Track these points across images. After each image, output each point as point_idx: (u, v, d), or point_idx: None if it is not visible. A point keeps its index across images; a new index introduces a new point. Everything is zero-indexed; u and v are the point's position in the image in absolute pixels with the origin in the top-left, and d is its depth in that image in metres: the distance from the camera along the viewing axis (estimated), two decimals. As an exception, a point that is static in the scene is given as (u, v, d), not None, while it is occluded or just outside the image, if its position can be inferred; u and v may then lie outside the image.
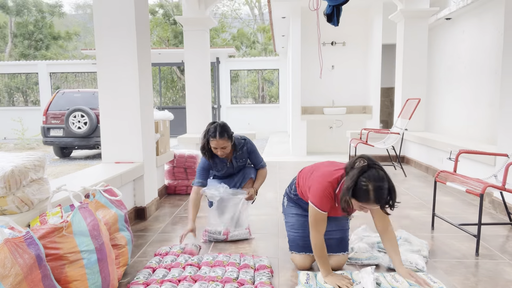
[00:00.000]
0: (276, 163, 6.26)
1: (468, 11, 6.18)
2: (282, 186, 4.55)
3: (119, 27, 3.16)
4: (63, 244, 1.69)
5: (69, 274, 1.69)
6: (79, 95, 8.81)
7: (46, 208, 1.99)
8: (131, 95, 3.21)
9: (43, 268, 1.51)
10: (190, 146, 5.81)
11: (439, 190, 4.26)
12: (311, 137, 7.98)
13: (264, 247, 2.66)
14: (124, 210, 2.35)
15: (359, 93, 7.98)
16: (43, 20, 19.65)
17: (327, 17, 3.66)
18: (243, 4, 26.10)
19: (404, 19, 6.01)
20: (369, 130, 5.46)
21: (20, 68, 14.98)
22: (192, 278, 2.08)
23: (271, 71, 15.65)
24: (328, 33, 7.54)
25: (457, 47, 6.67)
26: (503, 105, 3.42)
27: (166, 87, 15.84)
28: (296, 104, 7.66)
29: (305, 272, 2.14)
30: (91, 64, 14.14)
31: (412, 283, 1.99)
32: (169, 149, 4.32)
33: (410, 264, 2.24)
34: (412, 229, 2.96)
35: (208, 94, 6.52)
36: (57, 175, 6.79)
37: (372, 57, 7.49)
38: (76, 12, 34.63)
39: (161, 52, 13.60)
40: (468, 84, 6.29)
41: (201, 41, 6.26)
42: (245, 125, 13.93)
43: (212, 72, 13.29)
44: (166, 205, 3.82)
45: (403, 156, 6.09)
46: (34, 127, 11.77)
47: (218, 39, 20.68)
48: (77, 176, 2.89)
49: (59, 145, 8.70)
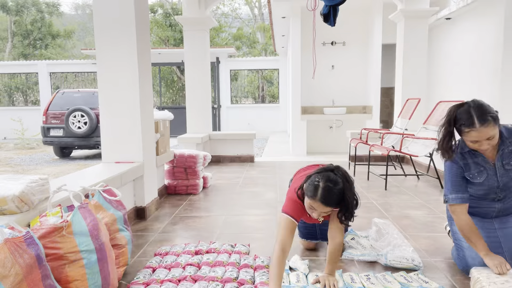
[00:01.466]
0: (276, 163, 6.26)
1: (468, 11, 6.18)
2: (282, 186, 4.56)
3: (119, 27, 3.16)
4: (63, 244, 1.69)
5: (69, 274, 1.69)
6: (79, 95, 8.81)
7: (46, 208, 1.99)
8: (131, 95, 3.21)
9: (43, 268, 1.51)
10: (190, 146, 5.81)
11: (440, 190, 4.26)
12: (311, 137, 7.98)
13: (264, 247, 2.66)
14: (123, 210, 2.35)
15: (359, 93, 7.98)
16: (42, 20, 19.65)
17: (323, 17, 3.66)
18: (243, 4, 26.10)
19: (404, 19, 6.01)
20: (369, 130, 5.45)
21: (20, 68, 14.98)
22: (192, 278, 2.08)
23: (271, 71, 15.65)
24: (328, 33, 7.54)
25: (457, 47, 6.67)
26: (503, 105, 3.42)
27: (166, 87, 15.84)
28: (296, 104, 7.66)
29: (295, 273, 2.15)
30: (91, 64, 14.15)
31: (403, 283, 1.99)
32: (169, 149, 4.32)
33: (407, 260, 2.24)
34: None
35: (208, 94, 6.52)
36: (57, 175, 6.79)
37: (372, 57, 7.49)
38: (75, 12, 34.64)
39: (161, 52, 13.60)
40: (468, 84, 6.29)
41: (201, 41, 6.26)
42: (245, 125, 13.93)
43: (212, 72, 13.29)
44: (166, 205, 3.82)
45: (403, 156, 6.09)
46: (34, 127, 11.78)
47: (218, 39, 20.68)
48: (77, 176, 2.89)
49: (59, 145, 8.70)
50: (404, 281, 2.04)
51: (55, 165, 8.00)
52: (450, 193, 2.10)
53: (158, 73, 14.16)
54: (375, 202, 3.77)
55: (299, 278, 2.09)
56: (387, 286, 1.99)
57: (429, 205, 3.65)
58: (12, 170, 7.36)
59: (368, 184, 4.64)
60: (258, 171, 5.58)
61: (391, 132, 5.39)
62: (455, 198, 2.08)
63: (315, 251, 2.56)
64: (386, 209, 3.51)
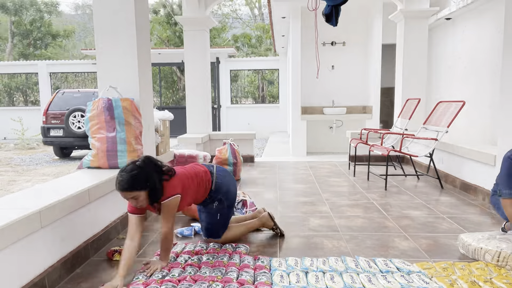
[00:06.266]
0: (276, 163, 6.26)
1: (468, 11, 6.18)
2: (282, 186, 4.56)
3: (119, 27, 3.16)
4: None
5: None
6: (79, 95, 8.82)
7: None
8: (131, 95, 3.21)
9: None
10: (190, 146, 5.81)
11: (440, 190, 4.26)
12: (311, 137, 7.98)
13: (265, 246, 2.66)
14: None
15: (359, 93, 7.99)
16: (41, 19, 19.66)
17: (326, 17, 3.66)
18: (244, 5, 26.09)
19: (404, 19, 6.01)
20: (369, 130, 5.45)
21: (20, 68, 14.98)
22: (192, 278, 2.08)
23: (271, 71, 15.65)
24: (328, 33, 7.54)
25: (457, 47, 6.66)
26: (503, 105, 3.42)
27: (166, 87, 15.84)
28: (296, 104, 7.67)
29: (295, 273, 2.15)
30: (91, 64, 14.15)
31: (403, 284, 1.99)
32: (169, 149, 4.32)
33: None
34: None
35: (208, 94, 6.52)
36: (57, 175, 6.79)
37: (372, 57, 7.49)
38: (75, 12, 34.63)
39: (161, 52, 13.60)
40: (468, 84, 6.28)
41: (201, 41, 6.26)
42: (245, 125, 13.93)
43: (212, 72, 13.29)
44: (166, 205, 3.81)
45: (403, 156, 6.08)
46: (34, 127, 11.78)
47: (218, 39, 20.68)
48: (77, 176, 2.88)
49: (59, 145, 8.70)
50: (404, 281, 2.04)
51: (55, 165, 8.00)
52: (505, 189, 2.32)
53: (158, 73, 14.16)
54: (375, 202, 3.77)
55: (299, 278, 2.09)
56: (387, 286, 1.99)
57: (429, 205, 3.65)
58: (12, 170, 7.36)
59: (368, 184, 4.64)
60: (258, 171, 5.58)
61: (391, 132, 5.39)
62: (509, 193, 2.31)
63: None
64: (386, 209, 3.51)
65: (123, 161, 3.02)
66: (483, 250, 2.29)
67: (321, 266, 2.24)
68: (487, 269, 2.16)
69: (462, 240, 2.46)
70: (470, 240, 2.40)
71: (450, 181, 4.51)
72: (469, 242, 2.39)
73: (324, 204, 3.71)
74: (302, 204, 3.74)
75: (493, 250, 2.24)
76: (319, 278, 2.08)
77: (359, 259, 2.32)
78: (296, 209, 3.60)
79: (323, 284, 2.02)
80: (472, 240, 2.39)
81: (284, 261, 2.32)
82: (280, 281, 2.05)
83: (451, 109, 4.35)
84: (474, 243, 2.36)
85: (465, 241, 2.43)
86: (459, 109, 4.17)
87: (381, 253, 2.51)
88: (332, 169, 5.67)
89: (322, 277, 2.10)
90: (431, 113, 4.73)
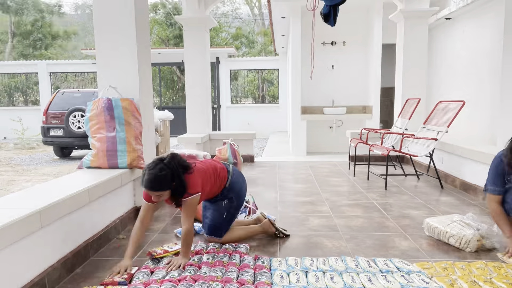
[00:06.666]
0: (276, 163, 6.26)
1: (468, 11, 6.18)
2: (282, 186, 4.56)
3: (119, 27, 3.16)
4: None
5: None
6: (79, 95, 8.81)
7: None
8: (131, 95, 3.21)
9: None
10: (190, 146, 5.81)
11: (440, 189, 4.26)
12: (311, 137, 7.98)
13: (265, 246, 2.66)
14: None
15: (359, 93, 7.98)
16: (42, 20, 19.65)
17: (324, 17, 3.66)
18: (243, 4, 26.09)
19: (404, 19, 6.01)
20: (369, 130, 5.45)
21: (20, 68, 14.97)
22: (192, 278, 2.08)
23: (271, 71, 15.64)
24: (328, 33, 7.54)
25: (457, 47, 6.66)
26: (503, 105, 3.42)
27: (166, 87, 15.83)
28: (296, 104, 7.67)
29: (295, 273, 2.15)
30: (91, 64, 14.15)
31: (404, 284, 1.99)
32: (169, 149, 4.32)
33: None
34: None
35: (208, 94, 6.52)
36: (57, 175, 6.79)
37: (372, 57, 7.49)
38: (75, 12, 34.63)
39: (161, 52, 13.60)
40: (468, 84, 6.28)
41: (201, 41, 6.26)
42: (245, 125, 13.92)
43: (212, 72, 13.28)
44: (166, 205, 3.81)
45: (403, 156, 6.08)
46: (34, 127, 11.77)
47: (218, 39, 20.68)
48: (77, 176, 2.88)
49: (59, 145, 8.70)
50: (404, 281, 2.04)
51: (55, 165, 8.00)
52: (490, 185, 2.49)
53: (158, 73, 14.16)
54: (375, 202, 3.77)
55: (299, 278, 2.09)
56: (387, 286, 1.99)
57: (429, 205, 3.65)
58: (12, 170, 7.36)
59: (368, 184, 4.64)
60: (258, 171, 5.58)
61: (391, 132, 5.39)
62: (492, 190, 2.47)
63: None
64: (386, 209, 3.52)
65: (123, 161, 3.02)
66: (448, 234, 2.58)
67: (321, 266, 2.24)
68: (487, 269, 2.16)
69: (428, 224, 2.76)
70: (436, 223, 2.70)
71: (450, 181, 4.51)
72: (435, 225, 2.69)
73: (324, 204, 3.71)
74: (302, 204, 3.74)
75: (457, 236, 2.53)
76: (319, 278, 2.08)
77: (359, 259, 2.32)
78: (296, 208, 3.60)
79: (323, 284, 2.02)
80: (438, 224, 2.68)
81: (284, 261, 2.33)
82: (280, 281, 2.05)
83: (451, 109, 4.35)
84: (440, 226, 2.65)
85: (431, 224, 2.73)
86: (459, 109, 4.17)
87: (381, 253, 2.51)
88: (332, 169, 5.67)
89: (322, 277, 2.10)
90: (431, 113, 4.73)
